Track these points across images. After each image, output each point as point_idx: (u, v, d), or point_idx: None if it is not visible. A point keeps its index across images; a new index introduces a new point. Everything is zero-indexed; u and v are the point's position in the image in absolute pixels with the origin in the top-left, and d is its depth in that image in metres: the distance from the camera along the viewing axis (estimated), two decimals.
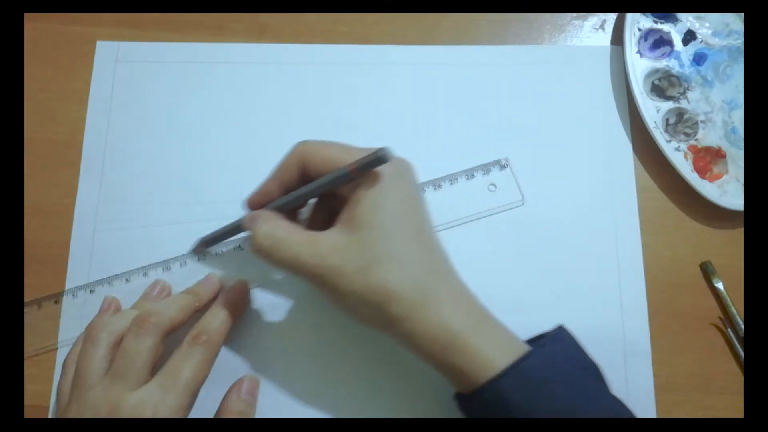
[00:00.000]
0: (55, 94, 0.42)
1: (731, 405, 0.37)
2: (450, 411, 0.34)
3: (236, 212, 0.36)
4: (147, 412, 0.29)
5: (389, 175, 0.30)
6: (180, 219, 0.40)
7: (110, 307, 0.36)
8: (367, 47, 0.43)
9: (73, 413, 0.30)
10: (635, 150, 0.41)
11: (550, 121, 0.42)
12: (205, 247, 0.38)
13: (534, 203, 0.40)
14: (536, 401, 0.28)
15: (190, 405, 0.31)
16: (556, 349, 0.30)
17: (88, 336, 0.32)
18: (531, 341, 0.32)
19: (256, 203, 0.34)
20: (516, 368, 0.28)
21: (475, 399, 0.29)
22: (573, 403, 0.29)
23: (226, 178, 0.40)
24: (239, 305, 0.36)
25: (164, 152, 0.41)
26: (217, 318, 0.34)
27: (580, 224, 0.40)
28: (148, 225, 0.39)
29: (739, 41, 0.42)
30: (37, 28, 0.43)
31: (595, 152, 0.41)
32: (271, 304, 0.38)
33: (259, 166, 0.35)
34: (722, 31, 0.43)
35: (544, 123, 0.42)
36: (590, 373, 0.31)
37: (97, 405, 0.30)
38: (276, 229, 0.31)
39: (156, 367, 0.32)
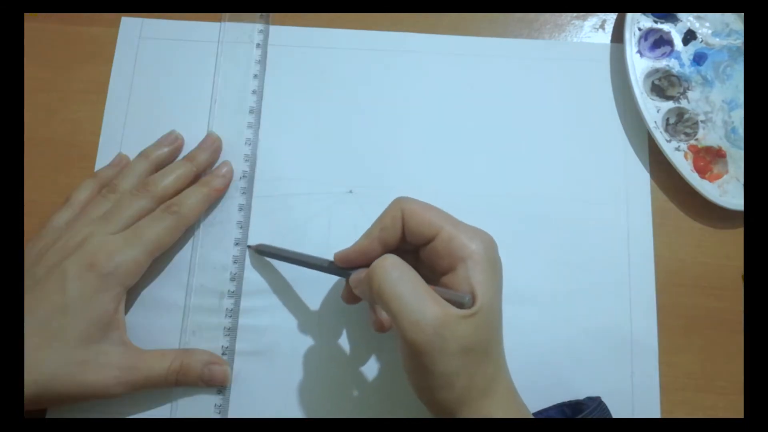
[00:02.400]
0: (54, 94, 0.42)
1: (731, 405, 0.37)
2: None
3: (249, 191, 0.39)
4: (102, 254, 0.33)
5: (495, 261, 0.31)
6: None
7: (121, 162, 0.40)
8: (376, 33, 0.43)
9: (52, 236, 0.35)
10: (635, 149, 0.41)
11: (550, 118, 0.42)
12: (257, 251, 0.38)
13: (535, 200, 0.40)
14: None
15: (146, 264, 0.35)
16: None
17: (106, 185, 0.37)
18: (567, 405, 0.33)
19: (352, 261, 0.33)
20: None
21: None
22: None
23: (241, 158, 0.41)
24: (219, 189, 0.39)
25: (182, 130, 0.41)
26: (195, 196, 0.37)
27: (590, 222, 0.40)
28: None
29: (739, 41, 0.42)
30: (37, 28, 0.43)
31: (595, 153, 0.41)
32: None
33: (275, 147, 0.41)
34: (722, 31, 0.43)
35: (544, 120, 0.42)
36: None
37: (78, 232, 0.34)
38: (403, 265, 0.30)
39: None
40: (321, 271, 0.35)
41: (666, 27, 0.42)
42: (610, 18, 0.44)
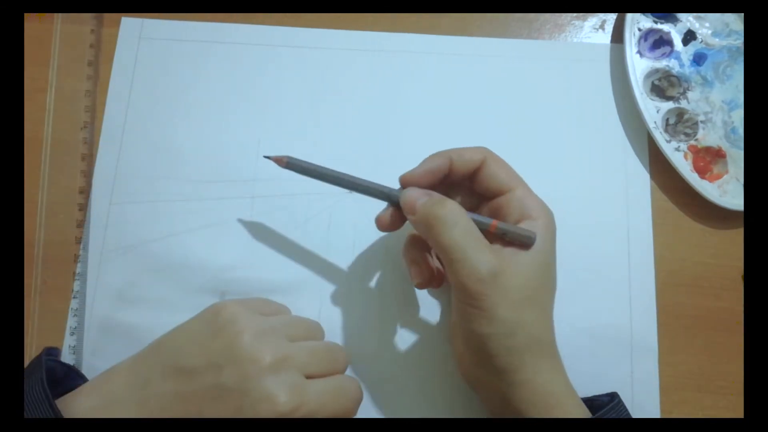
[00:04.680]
0: (54, 94, 0.42)
1: (731, 405, 0.37)
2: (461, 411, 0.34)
3: (249, 191, 0.40)
4: None
5: (555, 233, 0.33)
6: (193, 196, 0.40)
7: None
8: (375, 34, 0.44)
9: None
10: (635, 150, 0.41)
11: (550, 118, 0.42)
12: (288, 165, 0.34)
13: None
14: None
15: None
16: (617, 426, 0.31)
17: None
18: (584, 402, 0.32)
19: (417, 183, 0.33)
20: None
21: None
22: None
23: (242, 158, 0.41)
24: None
25: (182, 130, 0.41)
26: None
27: (590, 222, 0.40)
28: (161, 200, 0.40)
29: (739, 41, 0.42)
30: (37, 28, 0.43)
31: (595, 153, 0.41)
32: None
33: (271, 147, 0.40)
34: (722, 31, 0.43)
35: (544, 120, 0.42)
36: None
37: None
38: (461, 213, 0.31)
39: None
40: (362, 192, 0.34)
41: (666, 27, 0.42)
42: (610, 18, 0.44)
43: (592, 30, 0.44)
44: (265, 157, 0.35)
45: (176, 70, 0.42)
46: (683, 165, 0.40)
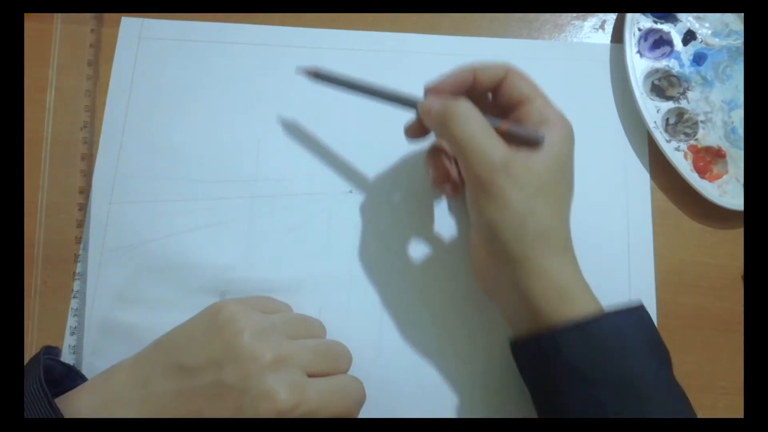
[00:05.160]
0: (54, 94, 0.42)
1: (731, 405, 0.37)
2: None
3: (249, 191, 0.40)
4: None
5: (572, 138, 0.33)
6: (193, 196, 0.40)
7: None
8: (376, 34, 0.44)
9: None
10: (635, 150, 0.41)
11: None
12: (317, 75, 0.38)
13: None
14: (597, 363, 0.29)
15: None
16: (631, 322, 0.31)
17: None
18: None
19: (441, 91, 0.35)
20: (583, 328, 0.30)
21: (548, 342, 0.30)
22: (632, 374, 0.29)
23: (242, 158, 0.41)
24: None
25: (182, 130, 0.41)
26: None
27: (590, 222, 0.40)
28: (161, 200, 0.40)
29: (739, 41, 0.42)
30: (37, 28, 0.43)
31: (595, 153, 0.41)
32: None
33: (271, 147, 0.41)
34: (722, 31, 0.43)
35: None
36: (660, 355, 0.31)
37: None
38: (475, 109, 0.32)
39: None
40: (386, 100, 0.36)
41: (666, 27, 0.42)
42: (610, 18, 0.44)
43: (592, 30, 0.44)
44: (297, 73, 0.38)
45: (176, 70, 0.42)
46: (683, 165, 0.40)
